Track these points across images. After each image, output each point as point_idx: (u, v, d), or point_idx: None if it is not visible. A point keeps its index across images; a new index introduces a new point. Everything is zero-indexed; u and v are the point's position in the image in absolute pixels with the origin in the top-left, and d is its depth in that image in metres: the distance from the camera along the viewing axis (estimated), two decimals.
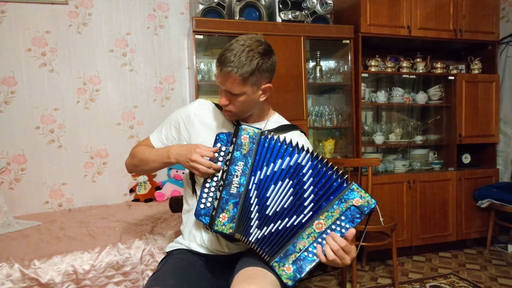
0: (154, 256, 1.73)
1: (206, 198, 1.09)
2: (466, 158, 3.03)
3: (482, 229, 2.90)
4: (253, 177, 1.04)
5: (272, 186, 1.03)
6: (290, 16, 2.55)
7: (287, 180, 1.01)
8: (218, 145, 1.10)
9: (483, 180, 2.91)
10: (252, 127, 1.06)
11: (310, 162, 1.01)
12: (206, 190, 1.09)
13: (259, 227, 1.02)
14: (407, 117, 3.16)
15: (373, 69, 2.79)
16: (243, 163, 1.03)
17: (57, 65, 2.62)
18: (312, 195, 0.99)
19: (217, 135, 1.12)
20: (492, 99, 2.94)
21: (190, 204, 1.24)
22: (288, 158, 1.03)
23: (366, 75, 2.74)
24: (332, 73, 2.84)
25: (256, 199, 1.03)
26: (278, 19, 2.54)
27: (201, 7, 2.43)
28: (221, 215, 1.02)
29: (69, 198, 2.67)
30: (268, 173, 1.03)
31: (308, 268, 0.97)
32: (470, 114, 2.88)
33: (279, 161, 1.03)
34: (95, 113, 2.72)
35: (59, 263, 1.57)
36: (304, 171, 1.01)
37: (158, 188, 2.75)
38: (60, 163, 2.64)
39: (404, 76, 2.91)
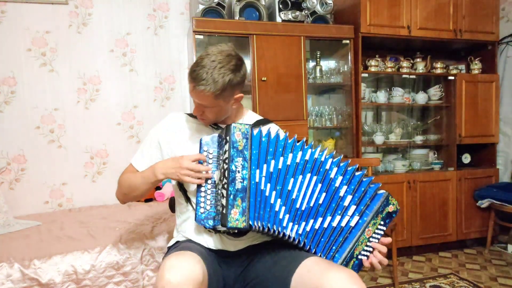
0: (154, 256, 1.73)
1: (204, 202, 1.10)
2: (466, 158, 3.03)
3: (482, 229, 2.90)
4: (258, 170, 1.06)
5: (292, 179, 1.07)
6: (290, 16, 2.55)
7: (308, 175, 1.07)
8: (205, 148, 1.12)
9: (483, 180, 2.91)
10: (242, 124, 1.08)
11: (330, 159, 1.09)
12: (202, 194, 1.10)
13: (294, 220, 1.06)
14: (407, 117, 3.16)
15: (373, 69, 2.79)
16: (241, 158, 1.05)
17: (57, 65, 2.62)
18: (349, 196, 1.07)
19: (201, 139, 1.13)
20: (492, 99, 2.94)
21: (186, 213, 1.23)
22: (300, 153, 1.08)
23: (366, 75, 2.75)
24: (332, 73, 2.84)
25: (274, 192, 1.06)
26: (278, 19, 2.54)
27: (201, 7, 2.43)
28: (232, 211, 1.03)
29: (69, 198, 2.67)
30: (280, 167, 1.07)
31: (357, 269, 1.09)
32: (470, 114, 2.88)
33: (290, 155, 1.08)
34: (95, 113, 2.72)
35: (59, 263, 1.57)
36: (326, 167, 1.08)
37: (158, 188, 2.75)
38: (60, 163, 2.64)
39: (404, 76, 2.91)
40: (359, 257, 1.07)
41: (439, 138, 3.02)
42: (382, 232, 1.08)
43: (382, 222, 1.08)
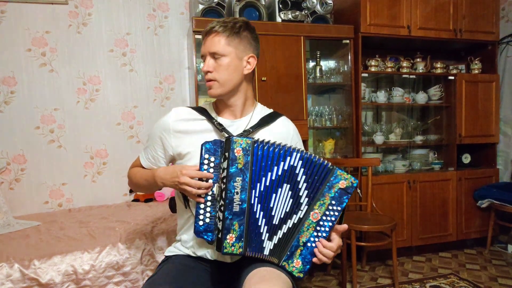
0: (154, 256, 1.73)
1: (204, 214, 1.04)
2: (466, 158, 3.03)
3: (482, 229, 2.90)
4: (253, 191, 1.01)
5: (274, 195, 1.02)
6: (290, 16, 2.55)
7: (285, 185, 1.02)
8: (206, 155, 1.03)
9: (483, 180, 2.91)
10: (243, 137, 1.00)
11: (301, 161, 1.01)
12: (202, 206, 1.04)
13: (270, 238, 1.02)
14: (407, 117, 3.16)
15: (373, 69, 2.79)
16: (241, 178, 0.98)
17: (57, 65, 2.62)
18: (307, 191, 1.02)
19: (203, 145, 1.03)
20: (492, 99, 2.94)
21: (185, 217, 1.20)
22: (282, 163, 1.01)
23: (366, 75, 2.74)
24: (332, 73, 2.84)
25: (262, 212, 1.01)
26: (278, 19, 2.54)
27: (201, 7, 2.43)
28: (228, 236, 0.97)
29: (69, 198, 2.67)
30: (267, 184, 1.01)
31: (313, 258, 1.02)
32: (470, 114, 2.88)
33: (275, 168, 1.01)
34: (95, 113, 2.72)
35: (59, 263, 1.57)
36: (297, 171, 1.02)
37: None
38: (60, 163, 2.64)
39: (404, 76, 2.91)
40: (309, 244, 1.01)
41: (439, 138, 3.02)
42: (336, 213, 1.00)
43: (333, 202, 0.99)
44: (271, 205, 1.02)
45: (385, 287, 2.29)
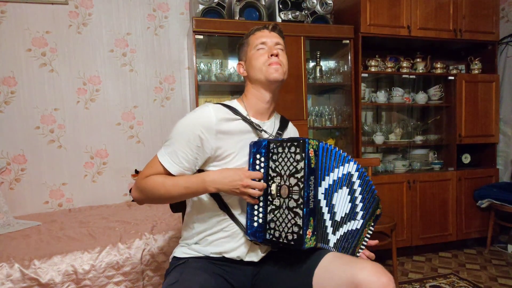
0: (154, 256, 1.73)
1: (257, 215, 1.07)
2: (466, 158, 3.03)
3: (482, 229, 2.90)
4: (319, 188, 1.07)
5: (335, 194, 1.10)
6: (290, 16, 2.55)
7: (344, 187, 1.11)
8: (258, 156, 1.08)
9: (483, 180, 2.91)
10: (313, 139, 1.06)
11: (357, 173, 1.12)
12: (255, 207, 1.07)
13: (333, 232, 1.10)
14: (407, 117, 3.16)
15: (373, 69, 2.79)
16: (313, 177, 1.03)
17: (57, 65, 2.62)
18: (361, 204, 1.12)
19: (250, 145, 1.10)
20: (492, 99, 2.94)
21: (214, 221, 1.14)
22: (341, 167, 1.10)
23: (366, 75, 2.74)
24: (332, 73, 2.84)
25: (327, 208, 1.08)
26: (278, 19, 2.54)
27: (201, 7, 2.43)
28: (307, 232, 1.01)
29: (69, 198, 2.67)
30: (331, 182, 1.09)
31: None
32: (470, 114, 2.88)
33: (336, 170, 1.09)
34: (95, 113, 2.72)
35: (59, 263, 1.57)
36: (353, 179, 1.12)
37: None
38: (60, 163, 2.64)
39: (404, 76, 2.91)
40: (356, 254, 1.14)
41: (439, 138, 3.02)
42: (371, 232, 1.17)
43: (373, 224, 1.16)
44: (334, 202, 1.09)
45: None
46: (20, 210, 2.53)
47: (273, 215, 1.06)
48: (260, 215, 1.07)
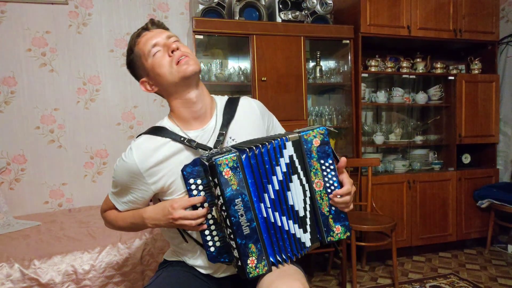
0: (154, 256, 1.73)
1: (212, 240, 0.98)
2: (466, 158, 3.03)
3: (482, 229, 2.90)
4: (262, 204, 0.94)
5: (288, 193, 0.97)
6: (290, 16, 2.55)
7: (294, 177, 0.98)
8: (191, 181, 0.96)
9: (483, 180, 2.91)
10: (225, 156, 0.90)
11: (292, 148, 0.97)
12: (207, 232, 0.98)
13: (304, 231, 0.99)
14: (407, 117, 3.16)
15: (373, 69, 2.79)
16: (240, 199, 0.90)
17: (57, 65, 2.62)
18: (302, 172, 0.99)
19: (183, 170, 0.95)
20: (492, 99, 2.94)
21: (183, 248, 1.10)
22: (282, 160, 0.96)
23: (366, 75, 2.74)
24: (332, 73, 2.84)
25: (285, 216, 0.97)
26: (278, 19, 2.54)
27: (201, 7, 2.43)
28: (248, 261, 0.92)
29: (69, 198, 2.67)
30: (277, 188, 0.96)
31: (345, 214, 1.02)
32: (470, 114, 2.88)
33: (278, 168, 0.96)
34: (95, 113, 2.72)
35: (59, 263, 1.57)
36: (294, 158, 0.98)
37: None
38: (60, 163, 2.64)
39: (404, 76, 2.91)
40: (333, 208, 1.00)
41: (439, 138, 3.02)
42: (331, 167, 0.98)
43: (322, 161, 0.98)
44: (291, 203, 0.97)
45: (385, 287, 2.29)
46: (20, 210, 2.53)
47: (222, 242, 0.98)
48: (212, 241, 0.98)
